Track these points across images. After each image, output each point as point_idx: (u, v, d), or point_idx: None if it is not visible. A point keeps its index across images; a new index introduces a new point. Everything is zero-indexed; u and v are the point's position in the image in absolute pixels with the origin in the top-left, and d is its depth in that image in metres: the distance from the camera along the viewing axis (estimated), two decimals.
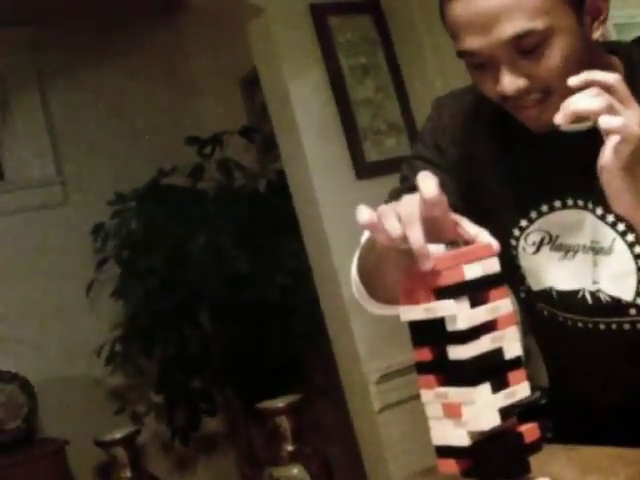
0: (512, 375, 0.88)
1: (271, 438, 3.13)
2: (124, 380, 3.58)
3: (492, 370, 0.86)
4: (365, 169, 2.77)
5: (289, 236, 3.13)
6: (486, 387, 0.85)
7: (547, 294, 1.09)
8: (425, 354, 0.87)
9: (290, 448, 3.04)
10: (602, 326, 1.07)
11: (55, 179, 3.68)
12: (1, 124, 3.63)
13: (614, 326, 1.06)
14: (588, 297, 1.06)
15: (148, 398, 3.54)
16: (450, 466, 0.89)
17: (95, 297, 3.55)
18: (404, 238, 0.81)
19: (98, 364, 3.42)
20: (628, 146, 0.83)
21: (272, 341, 3.35)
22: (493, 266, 0.87)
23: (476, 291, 0.85)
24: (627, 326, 1.06)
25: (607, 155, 0.84)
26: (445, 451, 0.89)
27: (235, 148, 3.69)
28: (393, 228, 0.81)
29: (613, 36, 2.80)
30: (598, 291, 1.05)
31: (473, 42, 0.94)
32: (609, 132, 0.84)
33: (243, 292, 3.31)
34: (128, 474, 3.19)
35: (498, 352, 0.87)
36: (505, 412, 0.87)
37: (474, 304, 0.85)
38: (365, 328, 2.68)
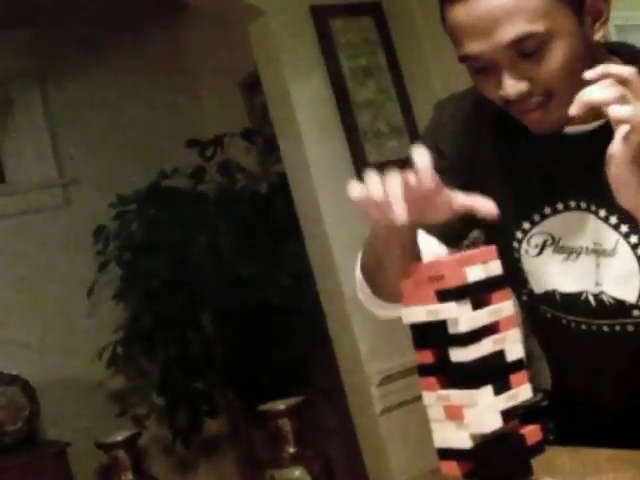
0: (514, 377, 0.88)
1: (272, 440, 3.13)
2: (125, 382, 3.58)
3: (494, 372, 0.86)
4: (366, 171, 2.77)
5: (290, 238, 3.13)
6: (488, 389, 0.85)
7: (550, 297, 1.09)
8: (427, 356, 0.87)
9: (291, 450, 3.03)
10: (605, 328, 1.06)
11: (56, 181, 3.68)
12: (2, 126, 3.63)
13: (618, 328, 1.06)
14: (591, 299, 1.06)
15: (149, 400, 3.53)
16: (452, 468, 0.89)
17: (96, 299, 3.55)
18: (387, 204, 0.82)
19: (99, 366, 3.42)
20: (638, 136, 0.83)
21: (273, 343, 3.35)
22: (495, 268, 0.87)
23: (478, 293, 0.85)
24: (631, 328, 1.05)
25: (616, 144, 0.84)
26: (447, 453, 0.89)
27: (236, 150, 3.69)
28: (376, 189, 0.84)
29: (614, 37, 2.80)
30: (601, 293, 1.05)
31: (474, 47, 0.94)
32: (619, 122, 0.83)
33: (244, 294, 3.31)
34: (130, 477, 3.18)
35: (500, 354, 0.87)
36: (507, 414, 0.87)
37: (476, 306, 0.85)
38: (366, 330, 2.68)
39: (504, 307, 0.87)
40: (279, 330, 3.36)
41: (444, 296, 0.84)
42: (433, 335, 0.86)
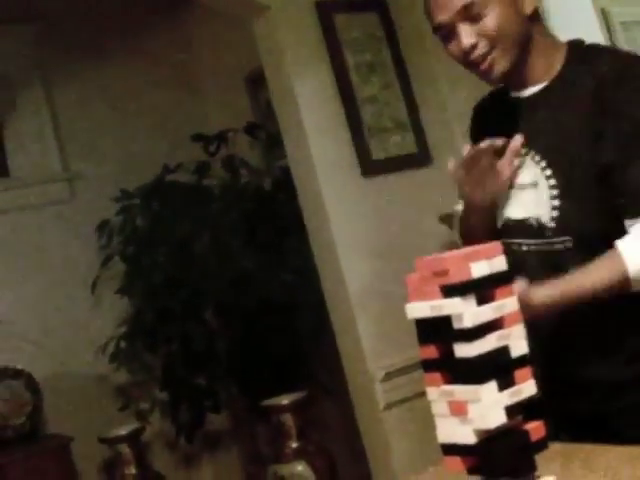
0: (518, 373, 0.88)
1: (275, 435, 3.13)
2: (129, 377, 3.58)
3: (498, 368, 0.86)
4: (371, 167, 2.77)
5: (294, 233, 3.13)
6: (492, 385, 0.85)
7: (505, 224, 1.41)
8: (431, 352, 0.88)
9: (294, 445, 3.04)
10: (533, 247, 1.35)
11: (61, 176, 3.68)
12: (7, 122, 3.64)
13: (544, 247, 1.34)
14: (533, 223, 1.35)
15: (153, 395, 3.54)
16: (456, 464, 0.89)
17: (100, 294, 3.56)
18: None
19: (103, 361, 3.43)
20: None
21: (277, 338, 3.36)
22: (500, 264, 0.87)
23: (483, 289, 0.85)
24: (546, 247, 1.33)
25: None
26: (451, 449, 0.89)
27: (240, 145, 3.69)
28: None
29: (619, 34, 2.80)
30: (535, 217, 1.34)
31: (439, 17, 1.33)
32: None
33: (248, 289, 3.32)
34: (133, 471, 3.19)
35: (504, 350, 0.87)
36: (511, 410, 0.87)
37: (480, 302, 0.85)
38: (370, 326, 2.68)
39: (508, 303, 0.88)
40: (282, 325, 3.37)
41: (449, 291, 0.84)
42: (438, 330, 0.86)
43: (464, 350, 0.84)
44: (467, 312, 0.83)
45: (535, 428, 0.91)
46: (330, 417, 3.46)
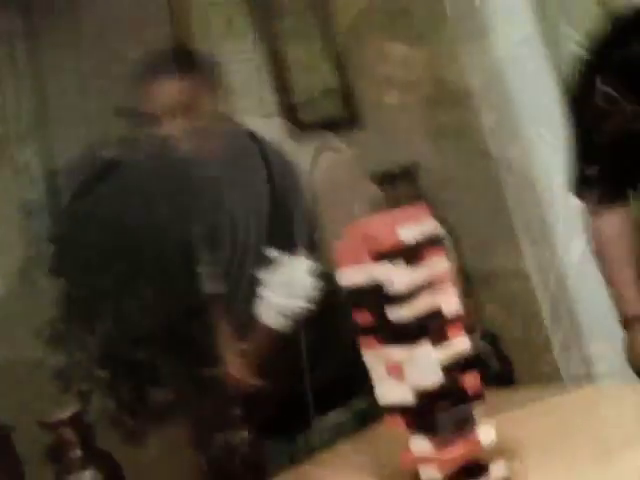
0: (451, 330, 0.89)
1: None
2: (67, 358, 3.53)
3: (431, 327, 0.87)
4: (298, 130, 2.76)
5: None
6: (426, 344, 0.87)
7: None
8: (365, 317, 0.88)
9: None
10: None
11: None
12: None
13: None
14: None
15: (93, 374, 3.50)
16: (396, 423, 0.91)
17: (32, 275, 3.47)
18: None
19: (39, 344, 3.36)
20: None
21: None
22: (428, 226, 0.88)
23: (412, 252, 0.86)
24: None
25: None
26: (391, 409, 0.90)
27: None
28: None
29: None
30: None
31: None
32: None
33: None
34: (78, 453, 3.15)
35: (436, 309, 0.88)
36: (446, 367, 0.88)
37: (410, 264, 0.86)
38: None
39: (438, 263, 0.89)
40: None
41: (378, 257, 0.85)
42: (370, 295, 0.87)
43: (397, 313, 0.85)
44: (397, 275, 0.84)
45: (471, 382, 0.93)
46: None
